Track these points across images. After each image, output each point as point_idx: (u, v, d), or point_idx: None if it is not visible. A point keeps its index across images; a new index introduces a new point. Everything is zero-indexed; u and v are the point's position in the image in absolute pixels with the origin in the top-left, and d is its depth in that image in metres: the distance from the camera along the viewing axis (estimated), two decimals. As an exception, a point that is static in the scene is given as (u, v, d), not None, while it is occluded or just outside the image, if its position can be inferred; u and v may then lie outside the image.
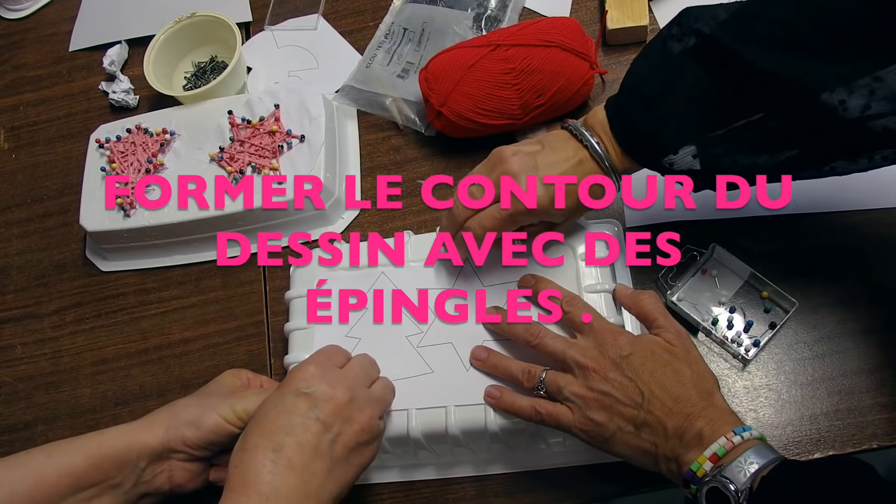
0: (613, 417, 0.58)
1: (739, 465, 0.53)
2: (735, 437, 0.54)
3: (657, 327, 0.62)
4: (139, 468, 0.63)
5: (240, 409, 0.63)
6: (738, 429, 0.55)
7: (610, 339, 0.60)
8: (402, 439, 0.65)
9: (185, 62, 0.95)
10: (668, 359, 0.59)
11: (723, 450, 0.54)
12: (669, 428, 0.56)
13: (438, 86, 0.80)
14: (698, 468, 0.54)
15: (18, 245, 0.91)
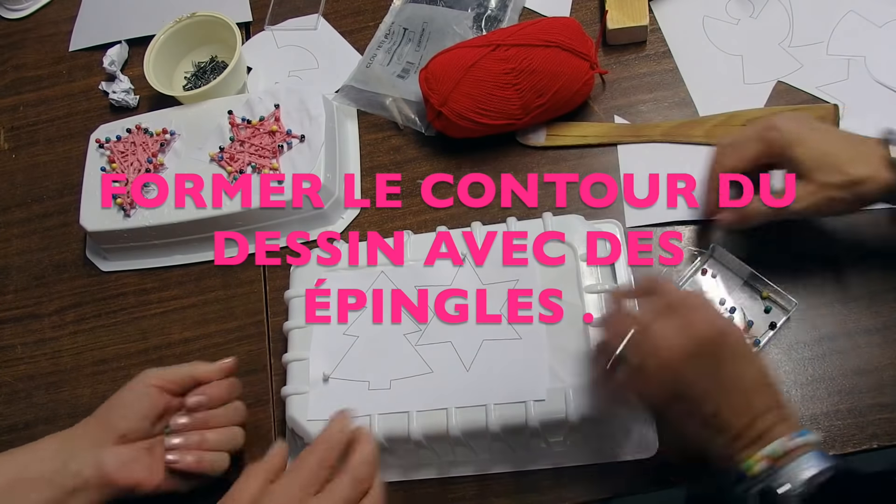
0: (673, 406, 0.57)
1: (794, 469, 0.52)
2: (793, 441, 0.53)
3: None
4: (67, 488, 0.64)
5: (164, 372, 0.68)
6: (796, 432, 0.54)
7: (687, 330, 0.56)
8: (403, 440, 0.65)
9: (185, 62, 0.95)
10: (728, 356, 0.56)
11: (779, 452, 0.53)
12: (734, 428, 0.55)
13: (438, 86, 0.80)
14: (750, 468, 0.54)
15: (18, 245, 0.91)
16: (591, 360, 0.64)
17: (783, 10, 0.85)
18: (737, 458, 0.55)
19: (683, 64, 0.84)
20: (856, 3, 0.83)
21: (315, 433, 0.66)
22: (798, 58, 0.82)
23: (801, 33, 0.83)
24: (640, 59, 0.86)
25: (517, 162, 0.83)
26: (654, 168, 0.79)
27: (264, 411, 0.76)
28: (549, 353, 0.64)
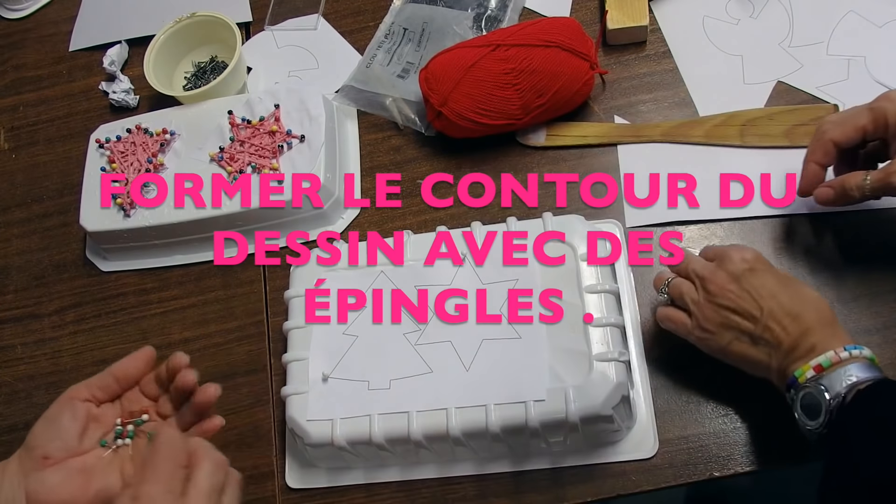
0: (730, 328, 0.61)
1: (838, 376, 0.55)
2: (843, 353, 0.56)
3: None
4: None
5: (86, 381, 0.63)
6: (849, 346, 0.56)
7: (732, 253, 0.62)
8: (403, 440, 0.65)
9: (185, 62, 0.95)
10: (791, 280, 0.61)
11: (828, 361, 0.56)
12: (785, 343, 0.58)
13: (438, 86, 0.80)
14: (800, 375, 0.57)
15: (18, 245, 0.91)
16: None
17: (783, 10, 0.85)
18: (790, 370, 0.58)
19: (683, 64, 0.84)
20: (856, 3, 0.83)
21: (314, 433, 0.66)
22: (798, 58, 0.82)
23: (801, 33, 0.83)
24: (640, 59, 0.86)
25: (517, 162, 0.83)
26: (654, 168, 0.79)
27: (264, 411, 0.76)
28: (549, 353, 0.64)
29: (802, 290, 0.61)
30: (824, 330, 0.58)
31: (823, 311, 0.59)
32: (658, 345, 0.71)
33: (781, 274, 0.62)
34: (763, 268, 0.62)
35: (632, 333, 0.71)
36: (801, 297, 0.60)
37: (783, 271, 0.63)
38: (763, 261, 0.62)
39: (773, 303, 0.59)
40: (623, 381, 0.63)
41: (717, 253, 0.64)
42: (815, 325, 0.58)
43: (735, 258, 0.62)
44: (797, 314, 0.59)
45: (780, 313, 0.59)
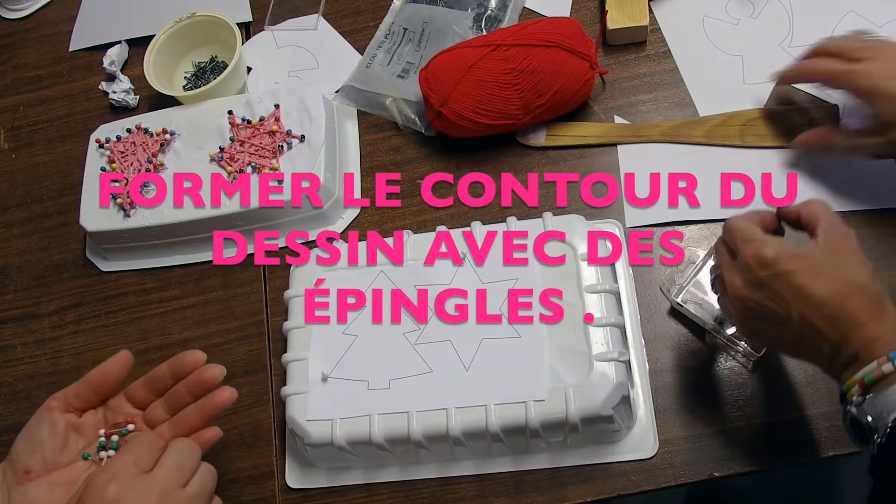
0: (764, 327, 0.57)
1: (885, 400, 0.49)
2: (886, 365, 0.49)
3: (819, 231, 0.56)
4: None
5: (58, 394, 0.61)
6: (893, 353, 0.49)
7: (747, 257, 0.56)
8: (403, 440, 0.65)
9: (185, 62, 0.95)
10: (820, 270, 0.54)
11: (870, 377, 0.50)
12: (825, 348, 0.53)
13: (438, 86, 0.80)
14: (848, 389, 0.51)
15: (18, 245, 0.91)
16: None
17: (783, 10, 0.85)
18: (841, 378, 0.53)
19: (683, 64, 0.84)
20: (856, 3, 0.83)
21: (314, 433, 0.66)
22: (798, 58, 0.82)
23: (801, 33, 0.83)
24: (640, 59, 0.86)
25: (517, 162, 0.83)
26: (654, 168, 0.79)
27: (264, 411, 0.76)
28: (549, 352, 0.64)
29: (844, 274, 0.53)
30: (868, 329, 0.51)
31: (867, 301, 0.52)
32: (660, 344, 0.72)
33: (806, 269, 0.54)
34: (787, 266, 0.54)
35: (632, 333, 0.71)
36: (841, 288, 0.53)
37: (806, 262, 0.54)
38: (787, 256, 0.55)
39: (803, 306, 0.53)
40: (623, 381, 0.63)
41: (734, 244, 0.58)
42: (856, 324, 0.52)
43: (749, 263, 0.56)
44: (834, 315, 0.52)
45: (814, 316, 0.53)
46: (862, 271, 0.54)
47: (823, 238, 0.56)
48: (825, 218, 0.57)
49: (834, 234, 0.56)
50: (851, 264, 0.55)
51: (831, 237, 0.56)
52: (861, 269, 0.55)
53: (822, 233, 0.56)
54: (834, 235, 0.56)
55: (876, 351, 0.51)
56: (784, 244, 0.56)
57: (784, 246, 0.56)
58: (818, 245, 0.55)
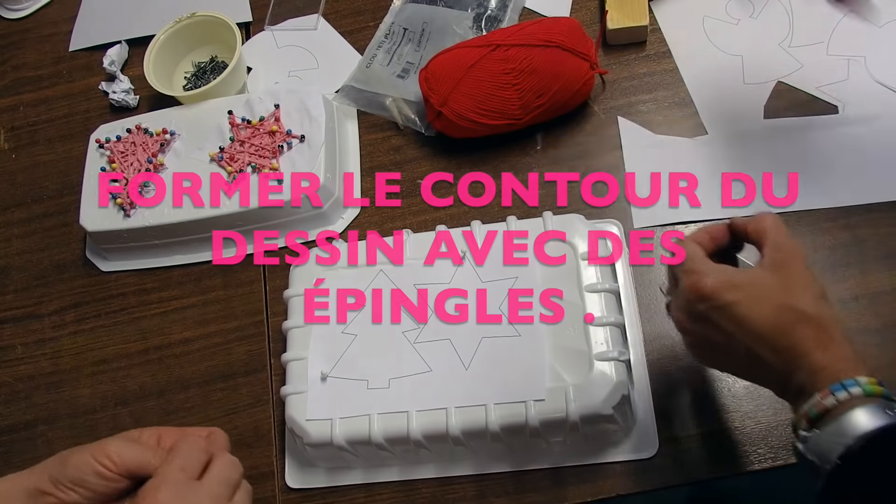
0: (716, 357, 0.56)
1: (829, 439, 0.46)
2: (829, 398, 0.47)
3: (766, 251, 0.54)
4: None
5: (111, 449, 0.55)
6: (836, 385, 0.47)
7: (686, 289, 0.53)
8: (402, 439, 0.65)
9: (185, 62, 0.95)
10: (766, 298, 0.51)
11: (814, 411, 0.47)
12: (774, 378, 0.51)
13: (438, 86, 0.80)
14: (797, 425, 0.49)
15: (18, 245, 0.90)
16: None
17: (783, 10, 0.85)
18: (794, 409, 0.50)
19: (683, 64, 0.84)
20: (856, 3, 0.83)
21: (314, 433, 0.66)
22: (798, 58, 0.82)
23: (801, 33, 0.83)
24: (640, 59, 0.86)
25: (517, 162, 0.83)
26: (655, 167, 0.79)
27: (264, 411, 0.76)
28: (549, 352, 0.64)
29: (788, 301, 0.50)
30: (813, 359, 0.49)
31: (812, 329, 0.49)
32: (658, 344, 0.71)
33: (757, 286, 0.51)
34: (727, 298, 0.51)
35: (632, 333, 0.71)
36: (785, 317, 0.50)
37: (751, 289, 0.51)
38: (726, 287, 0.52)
39: (746, 338, 0.51)
40: (623, 381, 0.63)
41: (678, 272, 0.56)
42: (800, 355, 0.49)
43: (688, 298, 0.53)
44: (779, 346, 0.50)
45: (758, 348, 0.51)
46: (808, 296, 0.51)
47: (769, 259, 0.53)
48: (773, 235, 0.54)
49: (781, 254, 0.53)
50: (797, 289, 0.51)
51: (778, 258, 0.53)
52: (807, 293, 0.51)
53: (768, 252, 0.53)
54: (781, 255, 0.53)
55: (820, 383, 0.48)
56: (724, 272, 0.53)
57: (724, 274, 0.53)
58: (763, 267, 0.53)
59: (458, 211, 0.81)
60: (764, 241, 0.54)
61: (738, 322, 0.51)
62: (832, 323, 0.50)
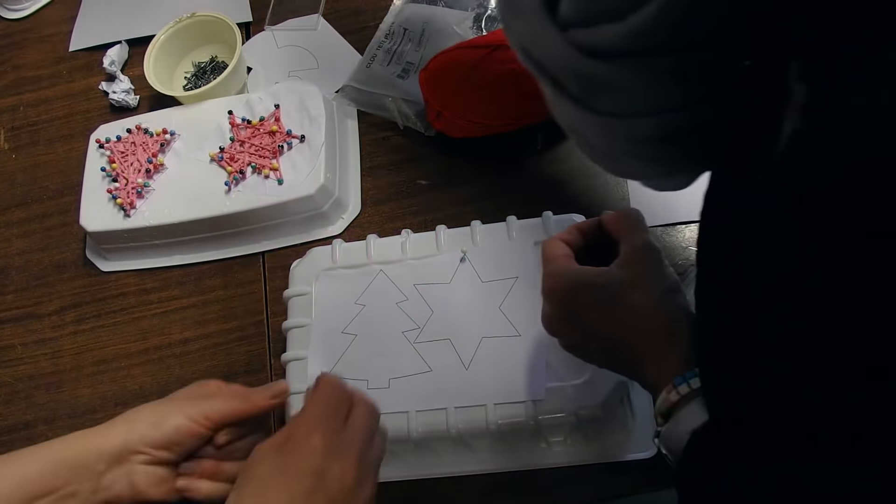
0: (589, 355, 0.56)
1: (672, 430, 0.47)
2: (672, 393, 0.47)
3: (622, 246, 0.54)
4: (97, 473, 0.58)
5: (207, 408, 0.59)
6: (678, 378, 0.47)
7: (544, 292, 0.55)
8: (402, 439, 0.65)
9: (185, 62, 0.95)
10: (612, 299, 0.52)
11: (663, 406, 0.48)
12: (635, 376, 0.53)
13: (438, 86, 0.80)
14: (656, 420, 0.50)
15: (18, 245, 0.90)
16: None
17: (783, 9, 0.85)
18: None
19: (683, 64, 0.84)
20: (856, 2, 0.83)
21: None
22: (798, 58, 0.82)
23: (801, 33, 0.83)
24: (640, 59, 0.86)
25: (517, 161, 0.83)
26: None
27: (264, 411, 0.76)
28: (548, 351, 0.64)
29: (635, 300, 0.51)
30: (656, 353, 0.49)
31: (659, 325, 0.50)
32: (658, 344, 0.71)
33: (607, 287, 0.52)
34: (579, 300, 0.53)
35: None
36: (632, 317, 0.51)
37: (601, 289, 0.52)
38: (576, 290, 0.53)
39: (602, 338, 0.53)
40: (623, 380, 0.63)
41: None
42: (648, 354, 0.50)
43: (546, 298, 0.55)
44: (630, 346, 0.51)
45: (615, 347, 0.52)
46: (655, 291, 0.51)
47: (622, 256, 0.53)
48: (626, 233, 0.54)
49: (632, 250, 0.53)
50: (643, 285, 0.51)
51: (629, 254, 0.53)
52: (654, 288, 0.51)
53: (622, 249, 0.53)
54: (632, 252, 0.53)
55: (665, 378, 0.48)
56: (576, 274, 0.53)
57: (574, 277, 0.53)
58: (616, 265, 0.53)
59: (458, 211, 0.81)
60: (620, 237, 0.54)
61: (592, 323, 0.52)
62: (678, 316, 0.50)
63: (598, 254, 0.56)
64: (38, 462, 0.58)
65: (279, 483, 0.50)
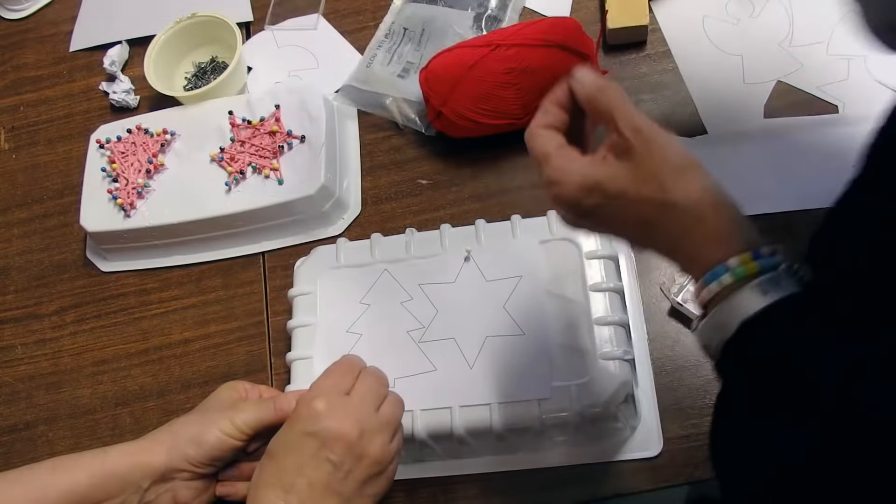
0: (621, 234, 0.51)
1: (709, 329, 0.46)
2: (705, 291, 0.45)
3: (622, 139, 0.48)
4: (142, 489, 0.62)
5: (239, 421, 0.62)
6: (707, 277, 0.45)
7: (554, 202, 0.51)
8: (407, 439, 0.65)
9: (185, 62, 0.95)
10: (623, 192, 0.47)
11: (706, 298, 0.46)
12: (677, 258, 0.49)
13: (438, 86, 0.80)
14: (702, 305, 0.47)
15: (18, 245, 0.90)
16: None
17: (783, 10, 0.85)
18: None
19: (683, 64, 0.84)
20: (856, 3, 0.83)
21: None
22: (798, 58, 0.82)
23: (801, 33, 0.83)
24: (640, 59, 0.86)
25: (518, 161, 0.83)
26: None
27: (265, 411, 0.76)
28: (553, 350, 0.64)
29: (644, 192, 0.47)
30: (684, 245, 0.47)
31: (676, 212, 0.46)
32: (663, 343, 0.71)
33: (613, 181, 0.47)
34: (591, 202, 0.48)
35: (636, 332, 0.71)
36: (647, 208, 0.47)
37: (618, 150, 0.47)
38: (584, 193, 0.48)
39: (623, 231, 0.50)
40: (627, 380, 0.63)
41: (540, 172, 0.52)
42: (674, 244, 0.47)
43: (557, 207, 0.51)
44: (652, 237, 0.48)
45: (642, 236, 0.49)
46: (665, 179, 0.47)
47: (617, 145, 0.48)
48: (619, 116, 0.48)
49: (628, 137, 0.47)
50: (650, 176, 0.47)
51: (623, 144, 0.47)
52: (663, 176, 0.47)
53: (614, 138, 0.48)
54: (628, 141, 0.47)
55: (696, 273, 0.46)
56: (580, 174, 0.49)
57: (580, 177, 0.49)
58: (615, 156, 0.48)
59: (460, 210, 0.81)
60: (610, 123, 0.49)
61: (608, 221, 0.50)
62: (698, 199, 0.46)
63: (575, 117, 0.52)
64: (88, 473, 0.61)
65: (288, 449, 0.56)
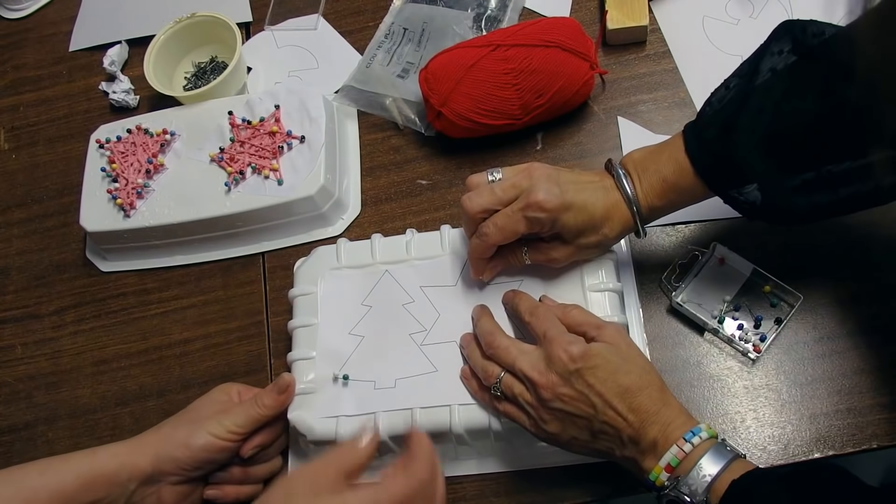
0: (567, 428, 0.59)
1: (694, 479, 0.54)
2: (686, 445, 0.55)
3: (596, 332, 0.60)
4: (129, 490, 0.62)
5: (229, 423, 0.63)
6: (688, 434, 0.55)
7: (559, 352, 0.58)
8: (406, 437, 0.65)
9: (185, 62, 0.95)
10: (618, 365, 0.58)
11: (675, 459, 0.55)
12: (624, 436, 0.57)
13: (438, 86, 0.80)
14: (656, 478, 0.55)
15: (18, 245, 0.90)
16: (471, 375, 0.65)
17: (783, 10, 0.85)
18: (643, 467, 0.57)
19: (683, 64, 0.84)
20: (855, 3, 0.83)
21: (320, 431, 0.66)
22: (798, 58, 0.82)
23: (800, 33, 0.83)
24: (640, 59, 0.86)
25: (518, 161, 0.82)
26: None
27: (265, 411, 0.76)
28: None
29: (631, 372, 0.58)
30: (660, 416, 0.56)
31: (656, 389, 0.58)
32: (661, 343, 0.72)
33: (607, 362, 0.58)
34: (593, 361, 0.58)
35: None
36: (631, 383, 0.57)
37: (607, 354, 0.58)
38: (590, 353, 0.58)
39: (607, 396, 0.57)
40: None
41: (541, 339, 0.61)
42: (651, 411, 0.56)
43: (561, 358, 0.58)
44: (633, 405, 0.57)
45: (616, 405, 0.57)
46: (644, 364, 0.59)
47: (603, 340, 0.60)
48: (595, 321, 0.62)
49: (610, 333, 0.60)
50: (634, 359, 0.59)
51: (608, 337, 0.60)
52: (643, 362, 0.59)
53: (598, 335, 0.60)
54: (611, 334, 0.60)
55: (672, 435, 0.56)
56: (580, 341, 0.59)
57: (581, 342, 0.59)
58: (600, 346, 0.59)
59: (459, 211, 0.81)
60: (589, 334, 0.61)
61: (604, 380, 0.57)
62: (664, 386, 0.59)
63: None
64: (76, 474, 0.61)
65: None
